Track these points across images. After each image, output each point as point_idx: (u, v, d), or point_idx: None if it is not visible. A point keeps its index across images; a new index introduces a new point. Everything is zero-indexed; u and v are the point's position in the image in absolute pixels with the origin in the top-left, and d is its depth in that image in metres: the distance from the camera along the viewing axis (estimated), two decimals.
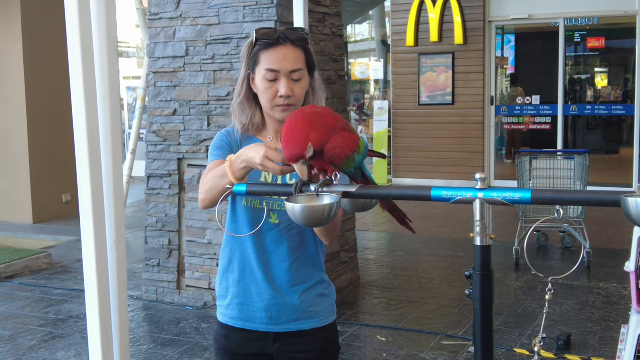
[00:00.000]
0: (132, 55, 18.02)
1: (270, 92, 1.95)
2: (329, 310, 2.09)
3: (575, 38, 11.76)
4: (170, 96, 5.29)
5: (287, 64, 1.95)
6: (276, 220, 2.00)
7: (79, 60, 2.17)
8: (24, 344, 4.58)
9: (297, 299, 2.02)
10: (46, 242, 7.60)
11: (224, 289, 2.08)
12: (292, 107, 1.97)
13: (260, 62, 1.96)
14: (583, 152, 6.32)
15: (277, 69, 1.94)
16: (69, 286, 5.89)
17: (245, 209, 2.01)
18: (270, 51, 1.95)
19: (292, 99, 1.96)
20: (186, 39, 5.18)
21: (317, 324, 2.06)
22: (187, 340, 4.57)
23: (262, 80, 1.96)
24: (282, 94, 1.94)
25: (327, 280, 2.12)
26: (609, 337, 4.37)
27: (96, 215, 2.28)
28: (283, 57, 1.95)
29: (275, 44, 1.96)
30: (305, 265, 2.04)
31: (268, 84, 1.95)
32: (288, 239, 2.01)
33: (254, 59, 1.98)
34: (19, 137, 8.40)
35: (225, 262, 2.09)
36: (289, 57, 1.96)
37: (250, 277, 2.02)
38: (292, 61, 1.96)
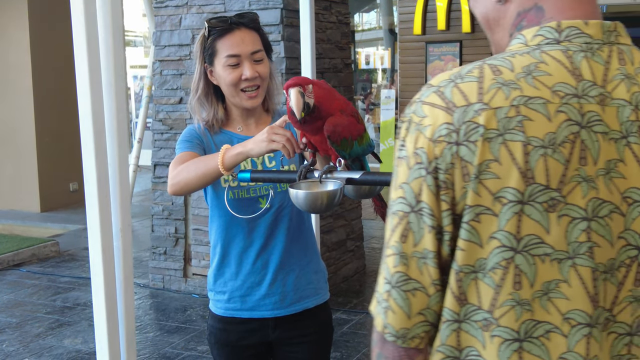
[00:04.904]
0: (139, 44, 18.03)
1: (233, 78, 1.95)
2: (325, 286, 2.12)
3: None
4: (176, 84, 5.30)
5: (247, 47, 1.96)
6: (267, 205, 2.00)
7: (84, 49, 2.17)
8: (31, 331, 4.62)
9: (296, 278, 2.03)
10: (53, 230, 7.63)
11: (221, 284, 2.08)
12: (259, 90, 1.97)
13: (218, 51, 1.96)
14: None
15: (237, 53, 1.95)
16: (76, 274, 5.92)
17: (232, 201, 2.00)
18: (226, 38, 1.96)
19: (257, 79, 1.96)
20: (192, 26, 5.17)
21: (319, 300, 2.08)
22: (193, 328, 4.59)
23: (224, 68, 1.95)
24: (247, 77, 1.94)
25: (318, 253, 2.14)
26: None
27: (102, 203, 2.29)
28: (241, 41, 1.96)
29: (229, 29, 1.96)
30: (300, 243, 2.05)
31: (230, 70, 1.95)
32: (282, 220, 2.01)
33: (210, 50, 1.98)
34: (26, 126, 8.43)
35: (218, 258, 2.08)
36: (247, 39, 1.96)
37: (248, 268, 2.03)
38: (251, 43, 1.97)
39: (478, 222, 0.94)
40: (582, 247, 0.94)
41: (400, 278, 0.98)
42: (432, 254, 0.97)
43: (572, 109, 0.94)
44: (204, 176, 1.87)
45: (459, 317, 0.97)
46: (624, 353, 0.98)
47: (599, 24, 0.98)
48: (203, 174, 1.86)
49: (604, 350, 0.97)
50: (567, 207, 0.93)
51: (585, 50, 0.97)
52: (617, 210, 0.95)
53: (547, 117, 0.93)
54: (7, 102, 8.54)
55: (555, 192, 0.93)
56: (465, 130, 0.94)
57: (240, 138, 2.00)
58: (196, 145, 2.00)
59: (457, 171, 0.94)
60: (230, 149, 1.83)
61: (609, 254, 0.95)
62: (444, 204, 0.96)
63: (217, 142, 2.02)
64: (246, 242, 2.02)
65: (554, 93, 0.94)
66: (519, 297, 0.94)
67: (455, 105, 0.95)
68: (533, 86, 0.94)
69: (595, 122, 0.94)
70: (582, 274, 0.94)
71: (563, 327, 0.95)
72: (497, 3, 1.04)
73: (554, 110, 0.93)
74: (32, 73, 8.34)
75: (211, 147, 2.01)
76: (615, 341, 0.98)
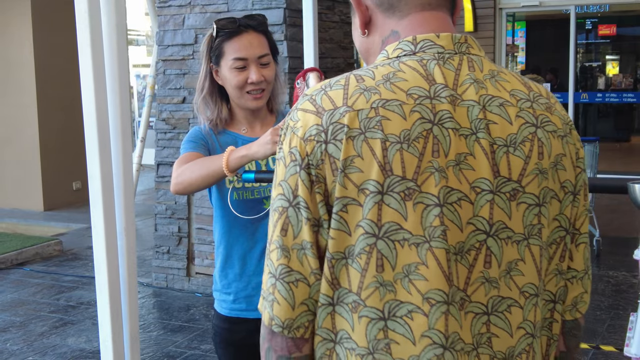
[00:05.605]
0: (141, 43, 18.02)
1: (239, 81, 1.95)
2: None
3: (586, 25, 11.69)
4: (179, 84, 5.30)
5: (254, 50, 1.96)
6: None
7: (88, 48, 2.17)
8: (35, 330, 4.63)
9: None
10: (57, 229, 7.65)
11: (226, 286, 2.08)
12: (264, 92, 1.98)
13: (225, 53, 1.96)
14: (593, 140, 6.29)
15: (244, 56, 1.95)
16: (80, 273, 5.93)
17: (236, 202, 2.00)
18: (234, 40, 1.96)
19: (263, 83, 1.96)
20: (195, 26, 5.18)
21: None
22: (196, 327, 4.60)
23: (230, 70, 1.96)
24: (253, 80, 1.94)
25: None
26: (617, 325, 4.37)
27: (106, 202, 2.29)
28: (249, 44, 1.96)
29: (237, 32, 1.96)
30: None
31: (237, 73, 1.95)
32: None
33: (217, 51, 1.98)
34: (29, 125, 8.44)
35: (222, 258, 2.08)
36: (254, 42, 1.97)
37: (252, 268, 2.03)
38: (258, 46, 1.97)
39: (346, 212, 1.03)
40: (437, 230, 1.02)
41: (283, 270, 1.06)
42: (309, 244, 1.05)
43: (425, 108, 1.05)
44: (208, 177, 1.87)
45: (333, 300, 1.06)
46: (484, 331, 1.07)
47: (449, 36, 1.11)
48: (207, 174, 1.86)
49: (464, 328, 1.05)
50: (421, 195, 1.03)
51: (438, 59, 1.09)
52: (465, 198, 1.05)
53: (402, 116, 1.04)
54: (10, 101, 8.55)
55: (411, 182, 1.02)
56: (332, 130, 1.04)
57: (245, 139, 2.00)
58: (201, 146, 2.00)
59: (327, 166, 1.04)
60: (235, 151, 1.83)
61: (458, 237, 1.04)
62: (318, 196, 1.05)
63: (222, 142, 2.02)
64: (250, 243, 2.02)
65: (409, 96, 1.05)
66: (382, 279, 1.03)
67: (324, 109, 1.06)
68: (390, 90, 1.05)
69: (446, 119, 1.05)
70: (438, 255, 1.03)
71: (424, 306, 1.03)
72: (363, 36, 1.19)
73: (408, 110, 1.04)
74: (36, 72, 8.36)
75: (216, 148, 2.02)
76: (474, 320, 1.06)
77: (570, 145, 1.13)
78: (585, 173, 1.15)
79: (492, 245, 1.06)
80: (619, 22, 11.72)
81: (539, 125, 1.09)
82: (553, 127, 1.11)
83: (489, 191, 1.05)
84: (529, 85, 1.13)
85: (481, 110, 1.07)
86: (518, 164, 1.06)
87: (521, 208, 1.07)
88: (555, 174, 1.10)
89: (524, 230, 1.07)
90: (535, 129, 1.08)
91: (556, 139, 1.10)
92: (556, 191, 1.10)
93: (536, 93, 1.12)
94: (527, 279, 1.08)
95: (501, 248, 1.06)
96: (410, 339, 1.03)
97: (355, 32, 1.21)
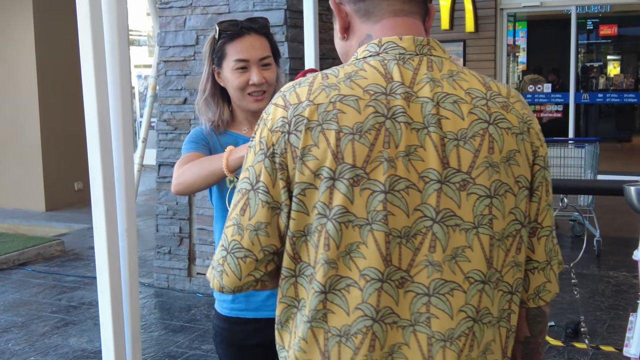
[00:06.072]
0: (143, 44, 18.04)
1: (241, 82, 1.97)
2: None
3: (587, 25, 11.68)
4: (180, 85, 5.31)
5: (256, 52, 1.98)
6: None
7: (89, 49, 2.19)
8: (37, 330, 4.64)
9: None
10: (59, 229, 7.66)
11: None
12: (265, 94, 1.99)
13: (227, 54, 1.98)
14: (593, 140, 6.29)
15: (246, 58, 1.97)
16: (81, 273, 5.94)
17: None
18: (236, 42, 1.98)
19: (264, 85, 1.98)
20: (196, 27, 5.19)
21: None
22: (197, 327, 4.61)
23: (232, 72, 1.97)
24: (254, 82, 1.96)
25: None
26: (617, 325, 4.38)
27: (107, 203, 2.30)
28: (250, 46, 1.98)
29: (240, 34, 1.98)
30: None
31: (238, 74, 1.97)
32: None
33: (219, 53, 2.00)
34: (31, 126, 8.46)
35: None
36: (256, 45, 1.98)
37: None
38: (260, 48, 1.99)
39: (304, 196, 1.15)
40: (379, 214, 1.13)
41: (235, 246, 1.19)
42: (264, 225, 1.18)
43: (380, 103, 1.15)
44: (208, 177, 1.88)
45: (295, 272, 1.19)
46: (423, 311, 1.15)
47: (411, 39, 1.21)
48: (207, 174, 1.88)
49: (401, 305, 1.15)
50: (369, 182, 1.13)
51: (398, 59, 1.20)
52: (413, 187, 1.14)
53: (357, 110, 1.15)
54: (12, 101, 8.57)
55: (360, 170, 1.13)
56: (294, 122, 1.16)
57: (245, 139, 2.02)
58: (202, 147, 2.01)
59: (289, 155, 1.16)
60: (235, 151, 1.84)
61: (404, 222, 1.14)
62: (281, 182, 1.17)
63: (223, 143, 2.03)
64: None
65: (366, 92, 1.16)
66: (327, 257, 1.14)
67: (291, 103, 1.19)
68: (349, 87, 1.17)
69: (399, 114, 1.15)
70: (377, 237, 1.13)
71: (360, 282, 1.14)
72: (343, 40, 1.30)
73: (364, 105, 1.15)
74: (37, 72, 8.37)
75: (217, 149, 2.03)
76: (414, 299, 1.15)
77: (527, 143, 1.20)
78: (546, 170, 1.23)
79: (437, 231, 1.14)
80: (620, 23, 11.71)
81: (492, 122, 1.17)
82: (508, 125, 1.18)
83: (436, 181, 1.14)
84: (489, 85, 1.22)
85: (434, 106, 1.16)
86: (468, 156, 1.15)
87: (471, 198, 1.15)
88: (509, 168, 1.17)
89: (473, 219, 1.15)
90: (487, 125, 1.17)
91: (510, 135, 1.18)
92: (510, 185, 1.17)
93: (494, 92, 1.21)
94: (474, 265, 1.15)
95: (447, 234, 1.15)
96: (345, 310, 1.15)
97: (336, 36, 1.32)
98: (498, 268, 1.18)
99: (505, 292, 1.20)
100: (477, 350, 1.17)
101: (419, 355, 1.15)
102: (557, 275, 1.27)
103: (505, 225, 1.18)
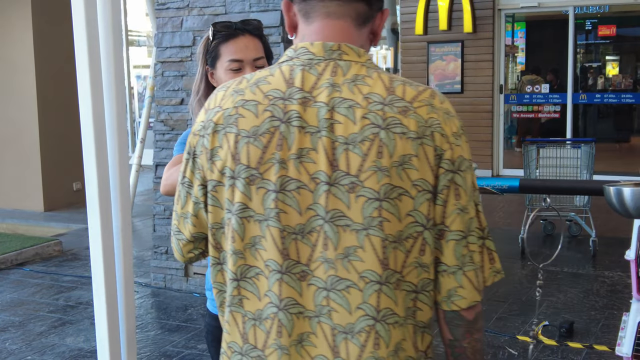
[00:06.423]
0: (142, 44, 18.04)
1: None
2: None
3: (586, 26, 11.69)
4: (177, 85, 5.34)
5: (250, 53, 2.01)
6: None
7: (84, 49, 2.20)
8: (34, 329, 4.66)
9: None
10: (57, 229, 7.68)
11: None
12: None
13: (222, 55, 2.01)
14: (589, 140, 6.31)
15: (240, 58, 1.99)
16: (79, 273, 5.96)
17: None
18: (230, 43, 2.00)
19: None
20: (193, 28, 5.21)
21: None
22: (194, 327, 4.63)
23: (226, 72, 2.00)
24: None
25: None
26: (611, 324, 4.40)
27: (102, 203, 2.32)
28: (245, 47, 2.00)
29: (234, 35, 2.01)
30: None
31: (232, 74, 2.00)
32: None
33: (213, 53, 2.02)
34: (30, 126, 8.48)
35: None
36: (250, 45, 2.01)
37: None
38: (254, 49, 2.02)
39: (215, 192, 1.28)
40: (272, 212, 1.22)
41: (175, 229, 1.37)
42: (190, 215, 1.33)
43: (277, 108, 1.23)
44: None
45: (220, 260, 1.30)
46: (325, 304, 1.21)
47: (321, 45, 1.26)
48: None
49: (305, 297, 1.22)
50: (263, 182, 1.23)
51: (305, 65, 1.25)
52: (305, 187, 1.21)
53: (255, 114, 1.24)
54: (11, 102, 8.59)
55: (254, 170, 1.23)
56: (206, 126, 1.29)
57: None
58: None
59: (204, 156, 1.28)
60: None
61: (297, 220, 1.22)
62: (197, 181, 1.30)
63: None
64: None
65: (266, 97, 1.24)
66: (234, 248, 1.26)
67: (208, 108, 1.31)
68: (253, 92, 1.26)
69: (294, 118, 1.22)
70: (273, 232, 1.22)
71: (265, 271, 1.24)
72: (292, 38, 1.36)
73: (262, 109, 1.24)
74: (36, 74, 8.39)
75: None
76: (317, 292, 1.22)
77: (428, 147, 1.21)
78: (456, 174, 1.22)
79: (328, 230, 1.20)
80: (619, 23, 11.71)
81: (385, 127, 1.20)
82: (403, 129, 1.20)
83: (325, 182, 1.20)
84: (394, 89, 1.23)
85: (328, 111, 1.21)
86: (356, 160, 1.19)
87: (360, 200, 1.19)
88: (403, 172, 1.19)
89: (363, 220, 1.19)
90: (379, 130, 1.19)
91: (404, 140, 1.20)
92: (406, 189, 1.20)
93: (396, 97, 1.22)
94: (367, 265, 1.20)
95: (337, 234, 1.20)
96: (257, 296, 1.25)
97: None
98: (397, 269, 1.21)
99: (410, 291, 1.22)
100: (387, 350, 1.21)
101: (326, 344, 1.22)
102: (475, 283, 1.25)
103: (403, 227, 1.20)
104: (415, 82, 1.27)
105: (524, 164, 6.41)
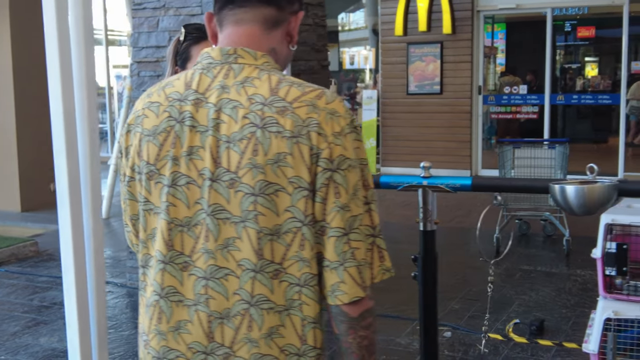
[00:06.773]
0: (123, 44, 17.94)
1: None
2: None
3: (565, 27, 11.80)
4: None
5: None
6: None
7: (55, 49, 2.21)
8: (8, 329, 4.64)
9: None
10: (34, 230, 7.63)
11: None
12: None
13: (192, 56, 2.03)
14: (563, 141, 6.38)
15: None
16: (54, 273, 5.94)
17: None
18: (201, 45, 2.03)
19: None
20: (169, 28, 5.21)
21: None
22: None
23: None
24: None
25: None
26: (582, 322, 4.45)
27: (73, 203, 2.34)
28: None
29: (205, 37, 2.03)
30: None
31: None
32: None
33: (184, 55, 2.05)
34: (7, 127, 8.41)
35: None
36: None
37: None
38: None
39: (130, 187, 1.41)
40: (164, 205, 1.33)
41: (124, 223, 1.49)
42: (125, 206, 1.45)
43: (174, 109, 1.34)
44: None
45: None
46: (203, 293, 1.31)
47: (219, 49, 1.36)
48: None
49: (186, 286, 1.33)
50: (159, 177, 1.34)
51: (204, 68, 1.35)
52: (194, 183, 1.31)
53: (156, 115, 1.35)
54: None
55: (152, 166, 1.35)
56: (125, 127, 1.42)
57: None
58: None
59: (123, 154, 1.41)
60: None
61: (185, 213, 1.32)
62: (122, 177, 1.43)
63: None
64: None
65: (167, 99, 1.36)
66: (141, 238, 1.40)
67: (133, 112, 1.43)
68: (158, 95, 1.38)
69: (187, 118, 1.32)
70: (162, 225, 1.34)
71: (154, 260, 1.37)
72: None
73: (162, 110, 1.35)
74: (14, 75, 8.33)
75: None
76: (196, 282, 1.32)
77: (303, 145, 1.26)
78: (335, 173, 1.26)
79: (209, 223, 1.30)
80: (598, 24, 11.84)
81: (262, 126, 1.27)
82: (278, 129, 1.27)
83: (209, 178, 1.30)
84: (277, 90, 1.30)
85: (216, 111, 1.30)
86: (235, 157, 1.28)
87: (239, 195, 1.28)
88: (278, 169, 1.26)
89: (241, 213, 1.28)
90: (256, 129, 1.27)
91: (279, 139, 1.26)
92: (283, 185, 1.27)
93: (277, 98, 1.29)
94: (244, 254, 1.29)
95: (217, 226, 1.30)
96: (150, 284, 1.37)
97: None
98: (276, 260, 1.29)
99: (293, 284, 1.30)
100: (259, 332, 1.30)
101: (201, 331, 1.32)
102: (357, 279, 1.28)
103: (282, 222, 1.27)
104: (309, 85, 1.33)
105: (499, 164, 6.47)
